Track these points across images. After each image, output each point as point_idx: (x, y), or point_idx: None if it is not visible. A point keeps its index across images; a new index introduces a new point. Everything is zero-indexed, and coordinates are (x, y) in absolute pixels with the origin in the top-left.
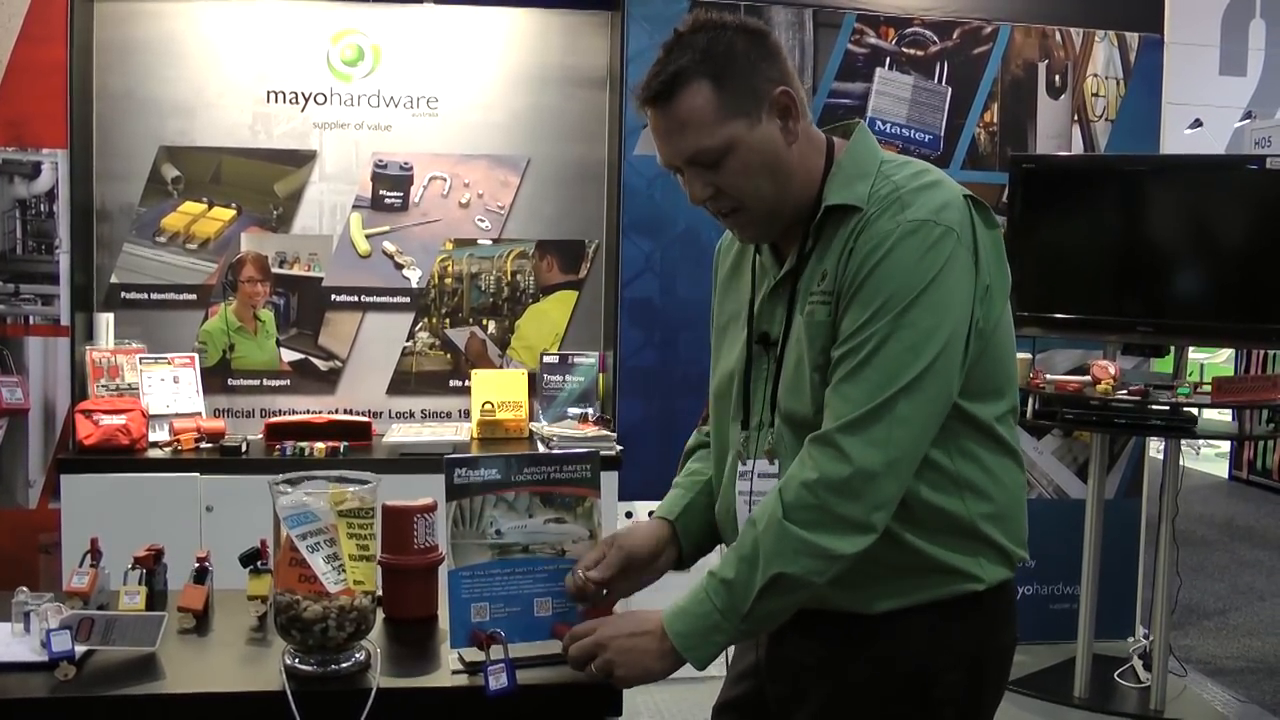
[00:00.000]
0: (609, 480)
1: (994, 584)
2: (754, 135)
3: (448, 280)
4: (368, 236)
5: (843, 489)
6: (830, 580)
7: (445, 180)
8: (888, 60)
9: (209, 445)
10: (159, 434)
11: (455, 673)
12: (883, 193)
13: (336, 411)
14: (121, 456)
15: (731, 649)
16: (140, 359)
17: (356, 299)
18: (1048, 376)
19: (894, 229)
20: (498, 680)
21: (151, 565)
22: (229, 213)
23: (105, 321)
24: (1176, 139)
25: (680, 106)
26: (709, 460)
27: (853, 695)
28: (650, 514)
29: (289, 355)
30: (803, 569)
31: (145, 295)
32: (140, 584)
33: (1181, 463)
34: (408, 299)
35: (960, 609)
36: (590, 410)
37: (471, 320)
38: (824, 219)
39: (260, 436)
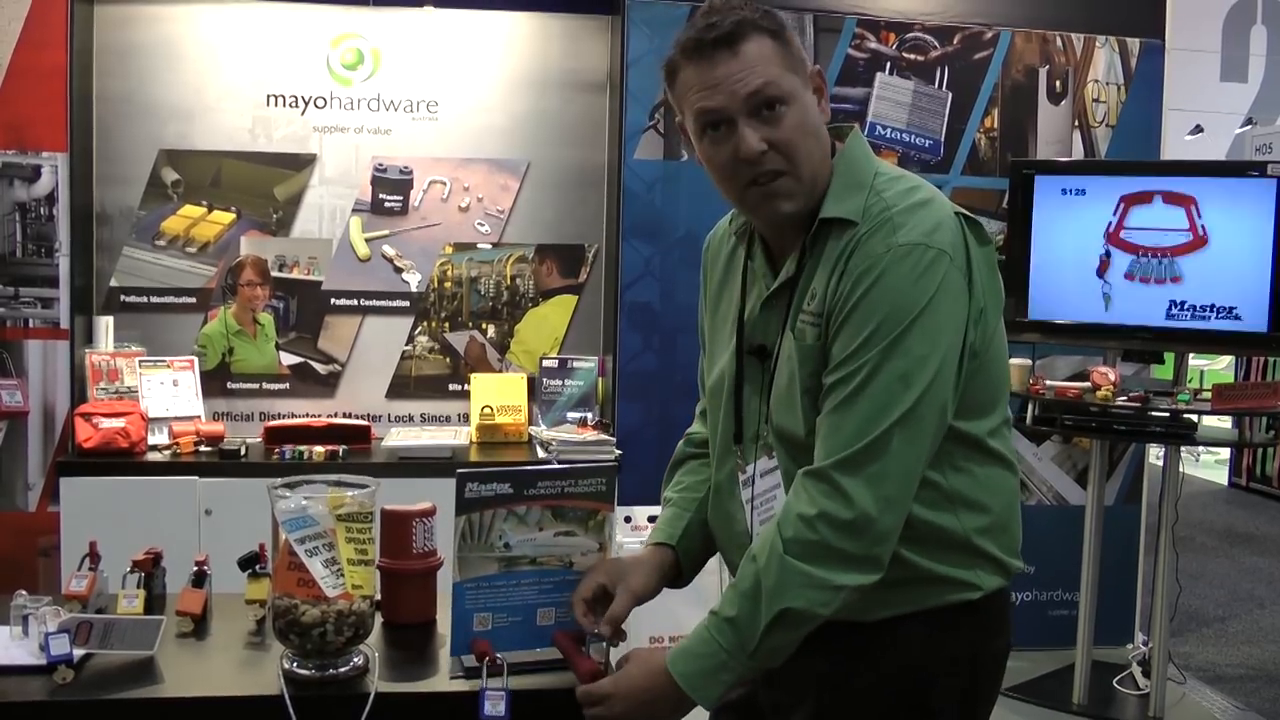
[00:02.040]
0: None
1: (990, 591)
2: (806, 97)
3: (447, 284)
4: (367, 240)
5: (845, 528)
6: None
7: (445, 184)
8: (888, 65)
9: (208, 448)
10: (158, 437)
11: (454, 678)
12: (874, 211)
13: (335, 415)
14: (120, 459)
15: None
16: (140, 362)
17: (356, 303)
18: (1048, 383)
19: (885, 252)
20: (495, 707)
21: (150, 569)
22: (229, 216)
23: (105, 324)
24: (1177, 145)
25: (748, 49)
26: (700, 473)
27: (849, 702)
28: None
29: (288, 359)
30: (808, 602)
31: (145, 298)
32: (139, 587)
33: (1181, 469)
34: (407, 303)
35: (956, 616)
36: (589, 414)
37: (471, 324)
38: (819, 230)
39: (259, 440)
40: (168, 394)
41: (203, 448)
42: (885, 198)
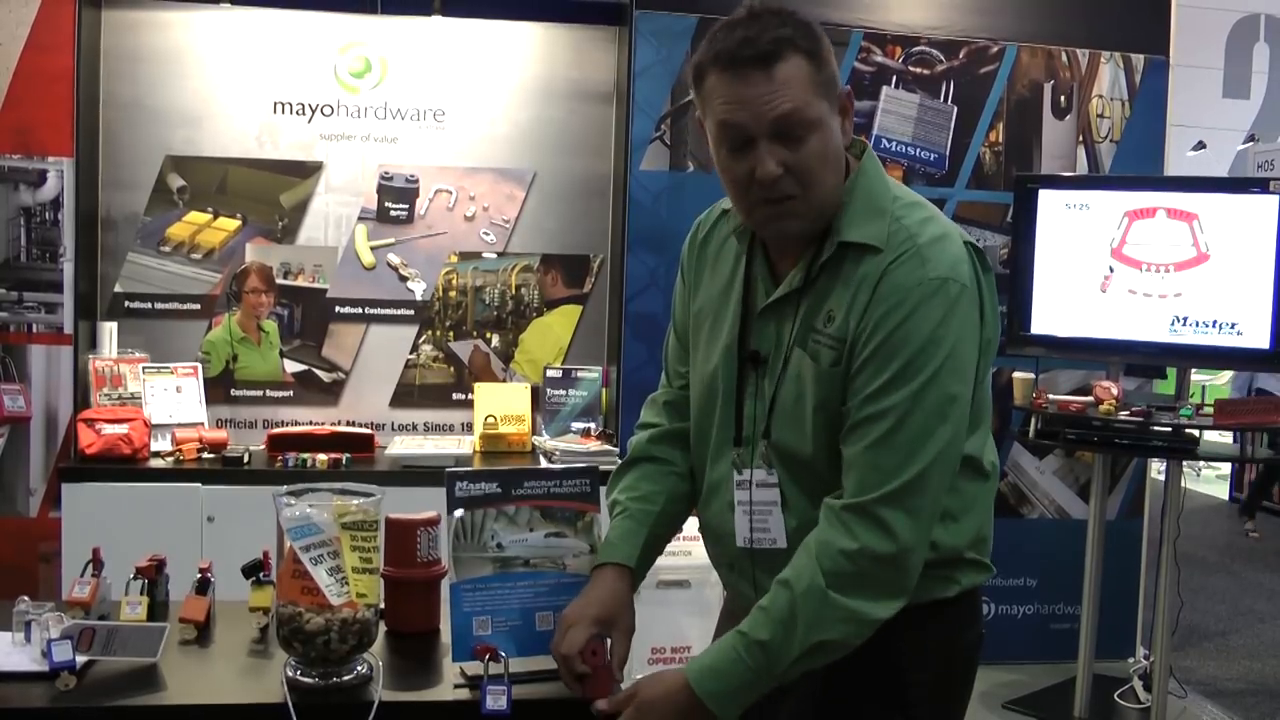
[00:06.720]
0: None
1: (966, 588)
2: (832, 122)
3: (452, 293)
4: (373, 248)
5: (888, 562)
6: None
7: (451, 193)
8: (894, 79)
9: (211, 455)
10: (161, 444)
11: (457, 687)
12: (898, 239)
13: (339, 423)
14: (123, 466)
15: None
16: (143, 368)
17: (360, 311)
18: (1050, 396)
19: (915, 285)
20: (496, 701)
21: (153, 575)
22: (234, 223)
23: (108, 330)
24: (1180, 161)
25: (782, 70)
26: (657, 481)
27: (829, 694)
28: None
29: (292, 366)
30: (843, 634)
31: (149, 304)
32: (142, 594)
33: (1183, 484)
34: (412, 311)
35: (934, 610)
36: (593, 424)
37: (475, 333)
38: (838, 251)
39: (263, 447)
40: (171, 400)
41: (206, 454)
42: (907, 226)
